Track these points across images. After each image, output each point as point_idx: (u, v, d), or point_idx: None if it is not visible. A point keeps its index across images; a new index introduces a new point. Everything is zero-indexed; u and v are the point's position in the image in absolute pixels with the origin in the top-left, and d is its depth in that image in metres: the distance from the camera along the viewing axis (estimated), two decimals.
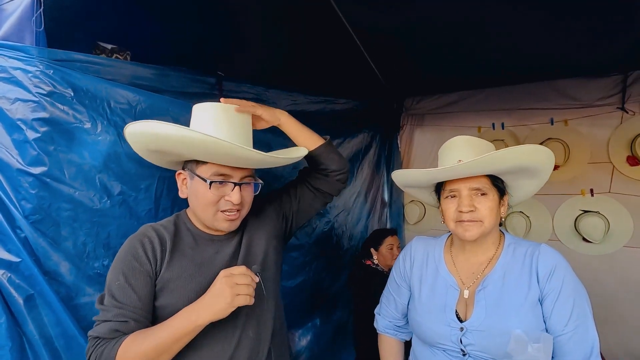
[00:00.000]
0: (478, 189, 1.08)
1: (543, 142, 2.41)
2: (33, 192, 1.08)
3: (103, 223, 1.23)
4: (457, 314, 1.08)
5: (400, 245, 2.39)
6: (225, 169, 1.03)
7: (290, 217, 1.28)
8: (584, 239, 2.31)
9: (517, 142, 2.59)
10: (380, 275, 2.17)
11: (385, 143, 3.03)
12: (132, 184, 1.29)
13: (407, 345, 1.34)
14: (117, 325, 0.93)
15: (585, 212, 2.33)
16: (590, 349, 0.97)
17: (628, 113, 2.23)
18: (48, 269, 1.12)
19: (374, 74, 2.62)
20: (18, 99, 1.07)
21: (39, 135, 1.08)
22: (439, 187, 1.18)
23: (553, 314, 0.99)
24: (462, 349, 1.05)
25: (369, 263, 2.29)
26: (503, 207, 1.12)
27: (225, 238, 1.12)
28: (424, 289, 1.18)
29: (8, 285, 1.05)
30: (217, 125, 1.02)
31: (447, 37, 1.99)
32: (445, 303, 1.11)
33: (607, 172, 2.31)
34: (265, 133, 1.31)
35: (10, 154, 1.08)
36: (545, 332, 0.99)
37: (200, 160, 1.03)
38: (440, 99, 2.85)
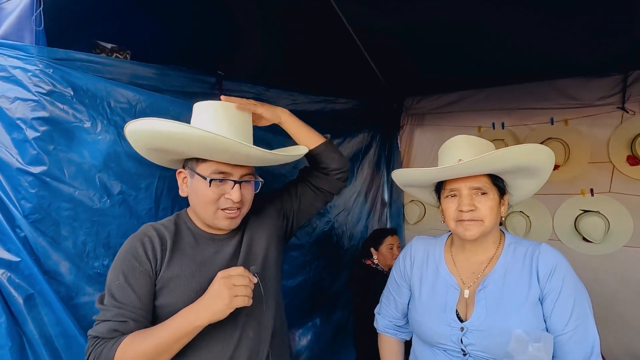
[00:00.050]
0: (478, 189, 1.08)
1: (543, 141, 2.41)
2: (33, 191, 1.08)
3: (103, 222, 1.23)
4: (457, 314, 1.08)
5: (400, 245, 2.39)
6: (225, 167, 1.03)
7: (291, 216, 1.28)
8: (584, 239, 2.31)
9: (517, 141, 2.59)
10: (380, 275, 2.17)
11: (385, 143, 3.03)
12: (132, 183, 1.29)
13: (407, 345, 1.34)
14: (116, 325, 0.93)
15: (586, 211, 2.33)
16: (591, 349, 0.97)
17: (628, 113, 2.23)
18: (48, 269, 1.12)
19: (374, 74, 2.62)
20: (18, 98, 1.07)
21: (39, 135, 1.08)
22: (439, 186, 1.18)
23: (553, 314, 0.99)
24: (462, 349, 1.05)
25: (369, 263, 2.29)
26: (503, 206, 1.12)
27: (226, 237, 1.12)
28: (424, 289, 1.18)
29: (8, 285, 1.05)
30: (217, 123, 1.02)
31: (447, 37, 1.99)
32: (446, 303, 1.11)
33: (607, 171, 2.31)
34: (266, 132, 1.31)
35: (10, 153, 1.08)
36: (546, 331, 0.99)
37: (201, 159, 1.03)
38: (440, 99, 2.85)
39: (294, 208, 1.28)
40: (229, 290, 0.91)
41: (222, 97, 1.08)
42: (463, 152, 1.10)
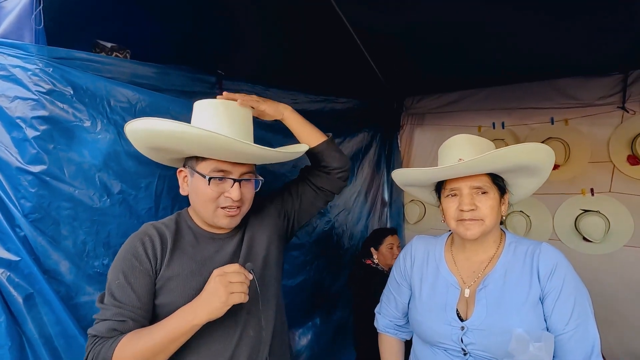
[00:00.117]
0: (479, 188, 1.08)
1: (543, 141, 2.41)
2: (32, 190, 1.08)
3: (103, 222, 1.23)
4: (457, 313, 1.08)
5: (401, 245, 2.38)
6: (225, 165, 1.03)
7: (292, 215, 1.28)
8: (584, 239, 2.31)
9: (517, 141, 2.59)
10: (381, 275, 2.17)
11: (386, 142, 3.03)
12: (132, 183, 1.29)
13: (407, 345, 1.34)
14: (115, 325, 0.93)
15: (586, 211, 2.33)
16: (591, 348, 0.97)
17: (628, 112, 2.23)
18: (48, 268, 1.11)
19: (374, 74, 2.62)
20: (17, 97, 1.07)
21: (39, 134, 1.08)
22: (439, 186, 1.18)
23: (554, 313, 0.99)
24: (463, 348, 1.05)
25: (369, 262, 2.29)
26: (504, 205, 1.12)
27: (227, 236, 1.12)
28: (425, 288, 1.18)
29: (7, 284, 1.05)
30: (217, 121, 1.02)
31: (447, 36, 1.99)
32: (446, 302, 1.11)
33: (607, 171, 2.31)
34: (266, 131, 1.30)
35: (10, 153, 1.07)
36: (546, 331, 0.99)
37: (201, 157, 1.03)
38: (441, 99, 2.85)
39: (295, 207, 1.28)
40: (225, 288, 0.90)
41: (224, 93, 1.08)
42: (463, 151, 1.10)
